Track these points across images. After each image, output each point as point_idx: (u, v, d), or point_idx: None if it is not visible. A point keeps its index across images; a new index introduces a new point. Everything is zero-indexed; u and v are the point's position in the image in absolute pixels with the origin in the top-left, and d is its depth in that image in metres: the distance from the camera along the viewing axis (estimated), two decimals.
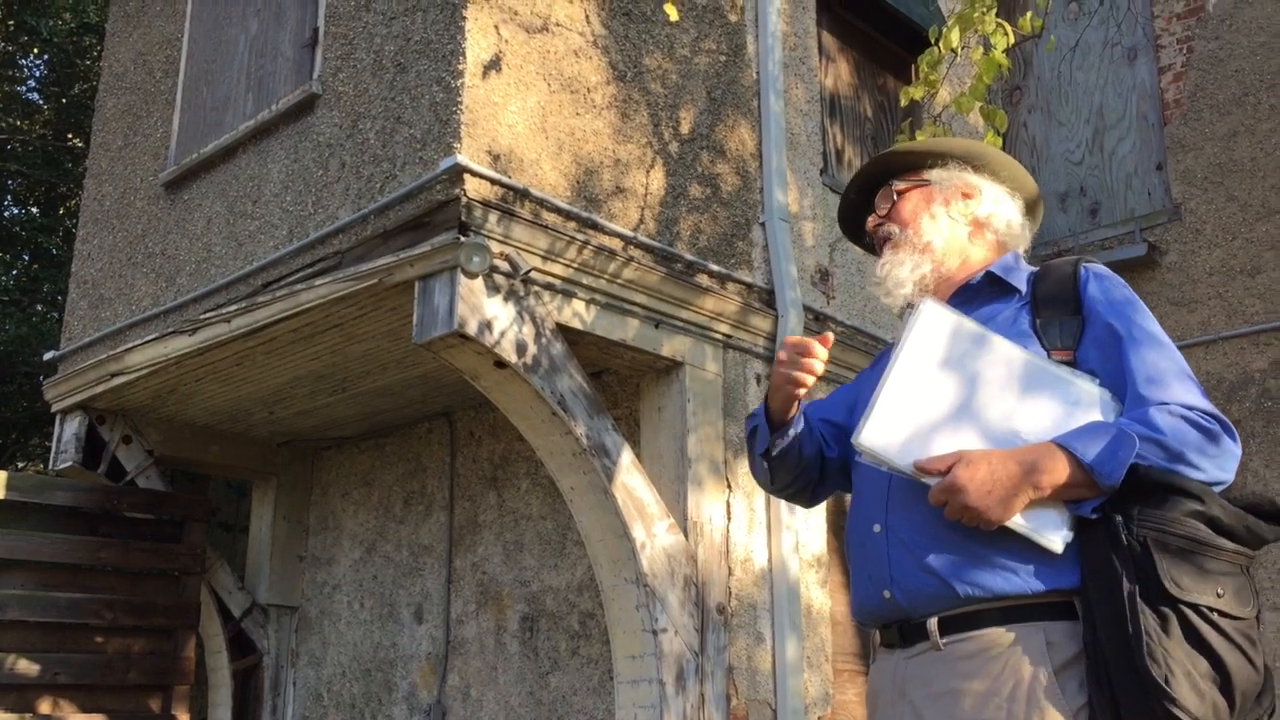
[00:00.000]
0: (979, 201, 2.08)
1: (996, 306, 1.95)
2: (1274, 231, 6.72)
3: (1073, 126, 7.88)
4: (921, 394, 1.76)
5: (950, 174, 2.09)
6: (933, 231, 2.04)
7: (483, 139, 4.79)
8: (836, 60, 7.22)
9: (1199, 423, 1.69)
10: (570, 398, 4.87)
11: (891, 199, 2.10)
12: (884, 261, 2.06)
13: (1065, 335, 1.84)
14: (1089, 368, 1.81)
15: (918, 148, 2.10)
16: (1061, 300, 1.87)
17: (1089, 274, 1.90)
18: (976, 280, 2.00)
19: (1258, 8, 7.07)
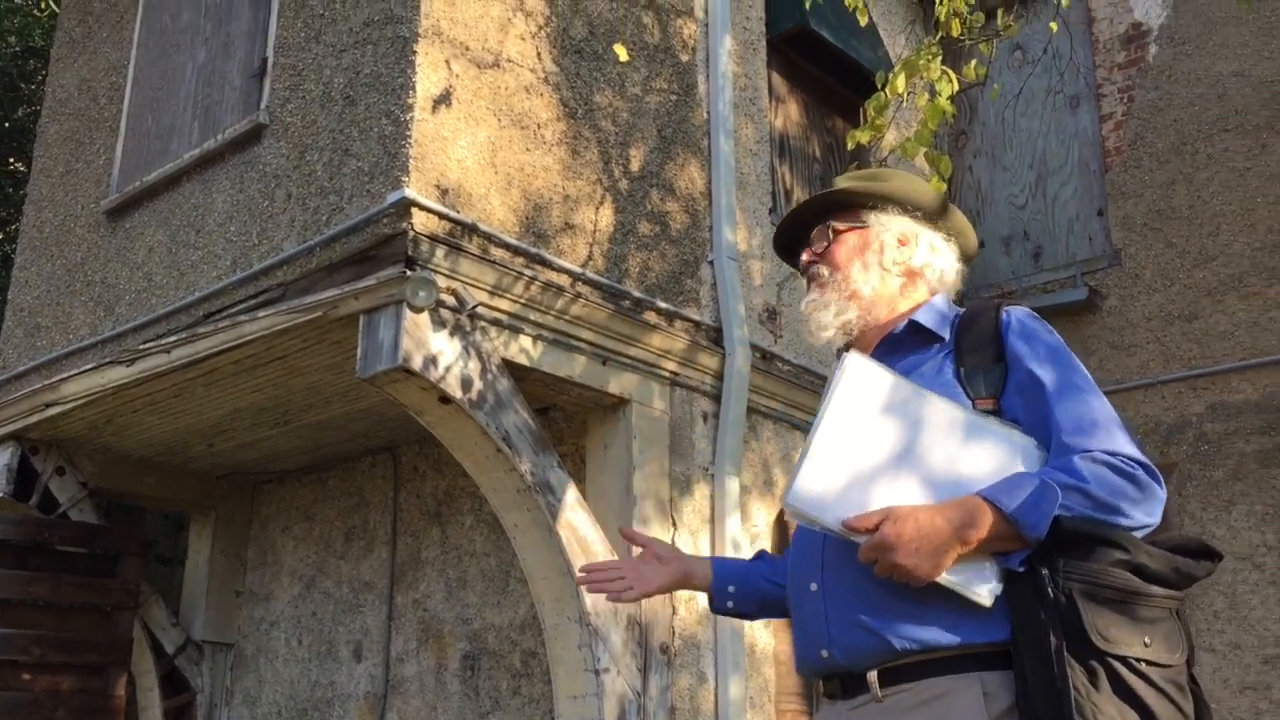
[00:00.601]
0: (914, 250, 2.05)
1: (921, 355, 1.93)
2: (1210, 278, 6.86)
3: (1017, 171, 8.02)
4: (847, 452, 1.76)
5: (889, 219, 2.06)
6: (862, 279, 2.02)
7: (431, 173, 4.76)
8: (786, 101, 7.29)
9: (1123, 469, 1.69)
10: (515, 434, 4.83)
11: (828, 238, 2.08)
12: (810, 300, 2.05)
13: (989, 383, 1.83)
14: (1013, 416, 1.80)
15: (860, 188, 2.08)
16: (984, 347, 1.86)
17: (1010, 319, 1.87)
18: (900, 329, 1.98)
19: (1196, 60, 7.25)
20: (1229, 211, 6.88)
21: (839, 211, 2.09)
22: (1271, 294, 6.61)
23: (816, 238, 2.10)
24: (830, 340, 2.04)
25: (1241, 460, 6.48)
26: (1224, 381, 6.64)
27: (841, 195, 2.09)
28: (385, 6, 5.03)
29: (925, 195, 2.09)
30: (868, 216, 2.07)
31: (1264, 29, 6.99)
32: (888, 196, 2.06)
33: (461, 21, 5.07)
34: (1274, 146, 6.80)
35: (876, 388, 1.80)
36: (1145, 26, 7.51)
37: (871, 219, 2.06)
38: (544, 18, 5.49)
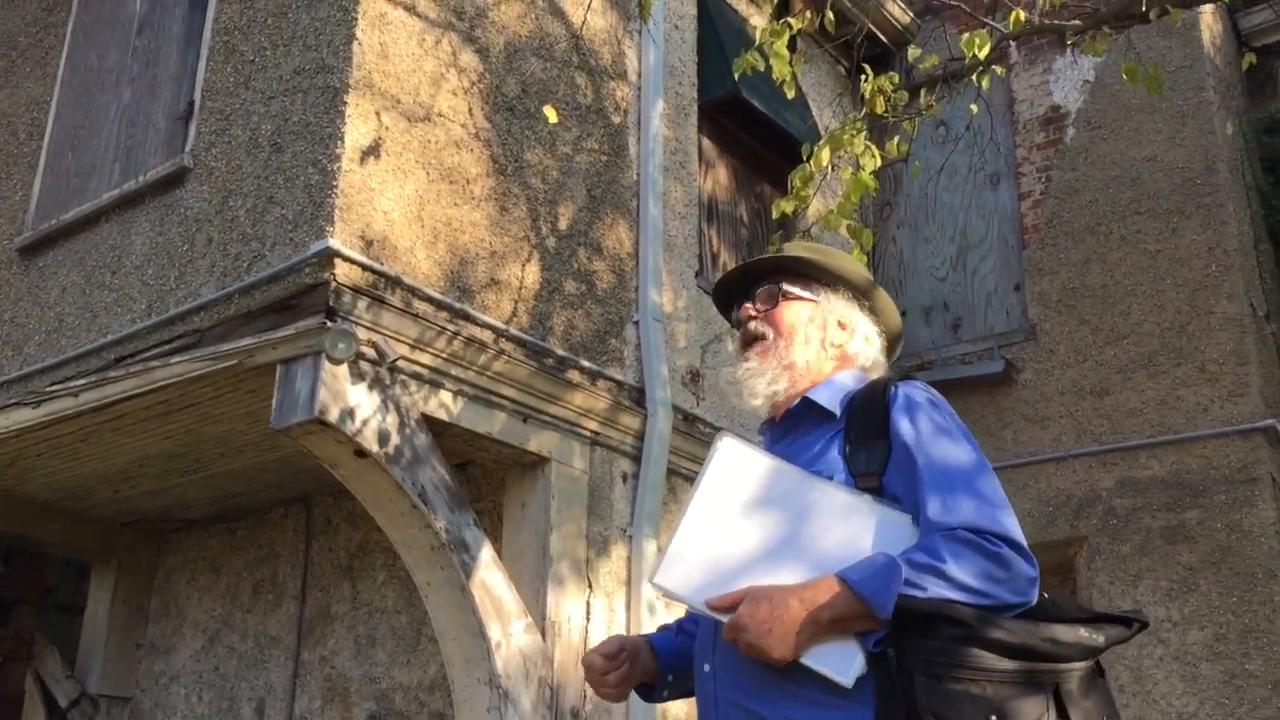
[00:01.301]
0: (852, 338, 2.06)
1: (815, 432, 1.93)
2: (1121, 356, 7.04)
3: (939, 244, 8.18)
4: (716, 532, 1.76)
5: (838, 300, 2.06)
6: (802, 353, 2.01)
7: (356, 224, 4.73)
8: (716, 166, 7.38)
9: (986, 547, 1.69)
10: (432, 490, 4.77)
11: (776, 300, 2.05)
12: (747, 365, 2.02)
13: (871, 460, 1.82)
14: (893, 493, 1.80)
15: (819, 262, 2.07)
16: (871, 423, 1.85)
17: (897, 394, 1.87)
18: (796, 405, 1.98)
19: (1110, 144, 7.49)
20: (1140, 292, 7.09)
21: (792, 276, 2.07)
22: (1179, 373, 6.80)
23: (763, 295, 2.06)
24: (757, 409, 2.03)
25: (1148, 536, 6.61)
26: (1133, 457, 6.79)
27: (798, 263, 2.07)
28: (317, 56, 5.01)
29: (872, 286, 2.11)
30: (818, 291, 2.06)
31: (1175, 117, 7.26)
32: (841, 277, 2.07)
33: (394, 74, 5.06)
34: (1184, 231, 7.03)
35: (749, 468, 1.80)
36: (1064, 110, 7.75)
37: (822, 294, 2.06)
38: (477, 74, 5.51)
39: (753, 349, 2.03)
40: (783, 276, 2.06)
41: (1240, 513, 6.37)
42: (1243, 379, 6.59)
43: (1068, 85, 7.75)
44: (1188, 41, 7.33)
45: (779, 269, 2.08)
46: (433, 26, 5.31)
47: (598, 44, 6.31)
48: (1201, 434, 6.60)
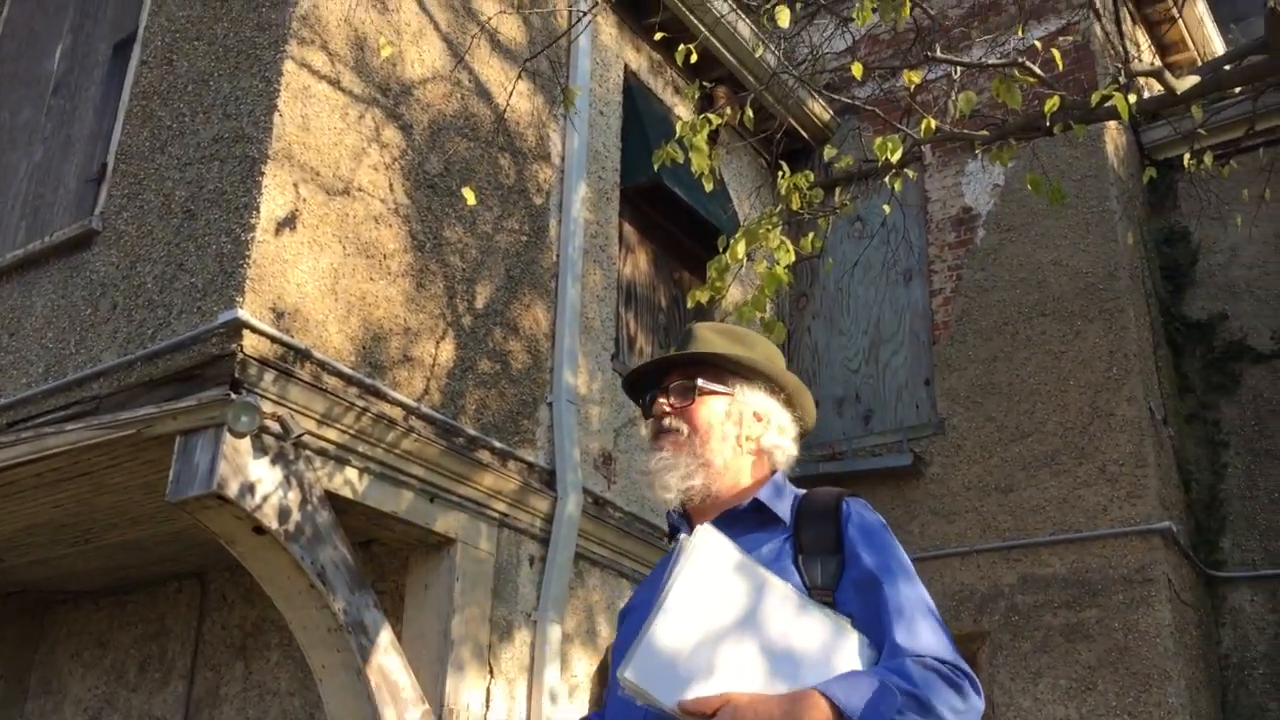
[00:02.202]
0: (767, 430, 2.05)
1: (761, 536, 1.92)
2: (1025, 453, 7.18)
3: (852, 336, 8.32)
4: (688, 629, 1.72)
5: (753, 393, 2.06)
6: (718, 449, 2.00)
7: (268, 295, 4.66)
8: (636, 251, 7.45)
9: (950, 677, 1.72)
10: (331, 570, 4.65)
11: (691, 396, 2.04)
12: (660, 458, 2.00)
13: (826, 574, 1.84)
14: (847, 610, 1.81)
15: (735, 357, 2.05)
16: (823, 537, 1.87)
17: (850, 511, 1.90)
18: (743, 507, 1.97)
19: (1019, 246, 7.72)
20: (1044, 391, 7.25)
21: (706, 370, 2.06)
22: (1080, 472, 6.94)
23: (678, 391, 2.05)
24: (668, 502, 2.01)
25: (1049, 634, 6.69)
26: (1035, 554, 6.89)
27: (714, 358, 2.05)
28: (237, 125, 4.97)
29: (786, 375, 2.10)
30: (733, 384, 2.05)
31: (1080, 224, 7.51)
32: (757, 369, 2.06)
33: (314, 147, 5.04)
34: (1087, 334, 7.23)
35: (724, 565, 1.78)
36: (975, 211, 7.98)
37: (737, 388, 2.05)
38: (399, 150, 5.51)
39: (666, 439, 2.02)
40: (698, 370, 2.05)
41: (1137, 613, 6.48)
42: (1141, 481, 6.75)
43: (979, 188, 7.99)
44: (1093, 152, 7.61)
45: (694, 361, 2.06)
46: (356, 101, 5.31)
47: (522, 126, 6.36)
48: (1101, 533, 6.73)
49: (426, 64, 5.79)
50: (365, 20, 5.45)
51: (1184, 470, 7.41)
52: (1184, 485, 7.35)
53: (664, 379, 2.08)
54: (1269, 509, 7.28)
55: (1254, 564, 7.22)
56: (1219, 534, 7.36)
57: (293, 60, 5.01)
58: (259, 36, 5.12)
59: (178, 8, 5.57)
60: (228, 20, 5.30)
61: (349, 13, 5.33)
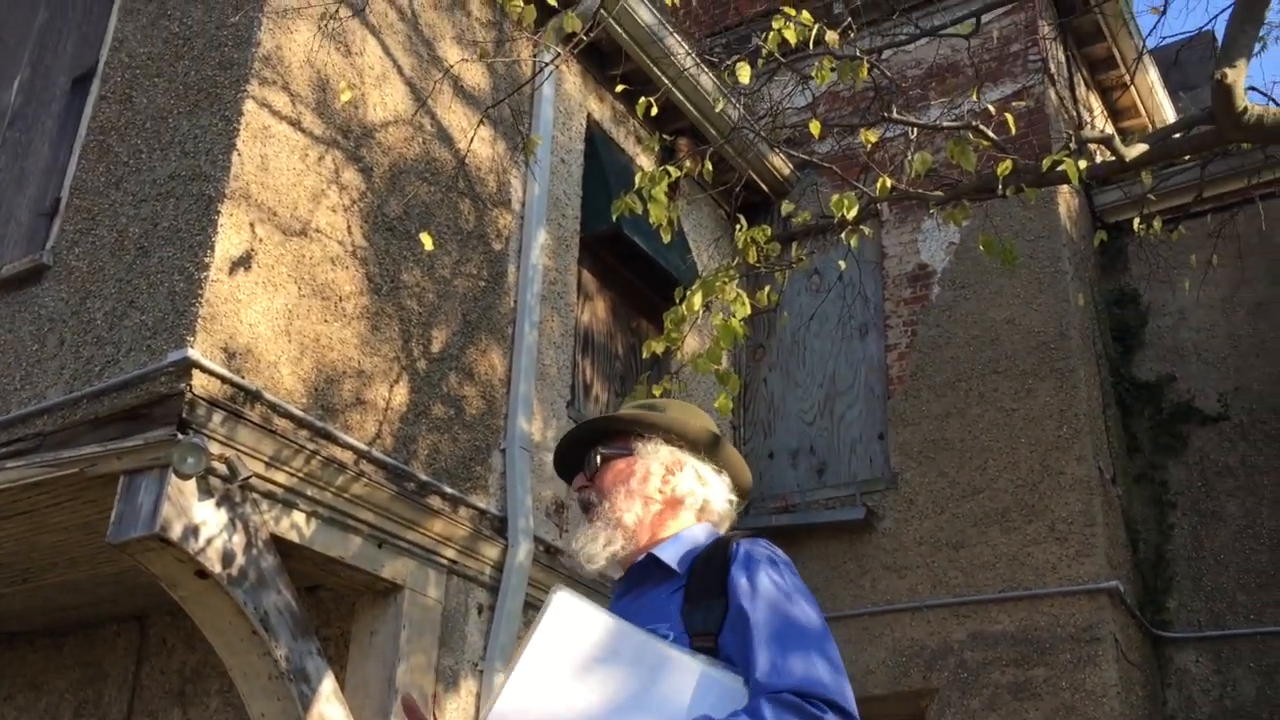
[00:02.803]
0: (679, 479, 2.06)
1: (658, 588, 1.93)
2: (977, 509, 7.21)
3: (808, 389, 8.35)
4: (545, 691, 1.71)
5: (656, 448, 2.08)
6: (626, 507, 2.01)
7: (220, 335, 4.61)
8: (594, 298, 7.46)
9: (810, 711, 1.68)
10: (275, 616, 4.57)
11: (595, 466, 2.08)
12: (582, 533, 2.03)
13: (709, 619, 1.81)
14: (727, 653, 1.78)
15: (628, 416, 2.11)
16: (711, 581, 1.85)
17: (738, 552, 1.86)
18: (641, 560, 1.98)
19: (973, 303, 7.81)
20: (996, 448, 7.31)
21: (610, 438, 2.10)
22: (1030, 531, 6.99)
23: (587, 464, 2.10)
24: (602, 571, 2.01)
25: (997, 691, 6.69)
26: (984, 611, 6.91)
27: (612, 422, 2.11)
28: (194, 163, 4.94)
29: (695, 428, 2.11)
30: (635, 444, 2.08)
31: (1033, 283, 7.61)
32: (654, 425, 2.09)
33: (272, 187, 5.02)
34: (1038, 392, 7.31)
35: (583, 624, 1.76)
36: (930, 268, 8.07)
37: (639, 447, 2.08)
38: (359, 192, 5.50)
39: (586, 516, 2.05)
40: (600, 441, 2.10)
41: (1084, 672, 6.50)
42: (1089, 540, 6.80)
43: (935, 245, 8.09)
44: (1046, 214, 7.74)
45: (598, 433, 2.11)
46: (317, 143, 5.30)
47: (484, 172, 6.37)
48: (1050, 591, 6.76)
49: (389, 107, 5.80)
50: (328, 62, 5.46)
51: (1132, 530, 7.48)
52: (1132, 545, 7.42)
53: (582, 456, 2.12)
54: (1214, 570, 7.35)
55: (1199, 625, 7.28)
56: (1165, 594, 7.42)
57: (254, 100, 5.00)
58: (220, 75, 5.11)
59: (139, 44, 5.55)
60: (189, 58, 5.29)
61: (312, 54, 5.34)
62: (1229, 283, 7.88)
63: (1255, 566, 7.23)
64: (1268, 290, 7.81)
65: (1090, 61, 9.14)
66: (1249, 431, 7.56)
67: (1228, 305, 7.93)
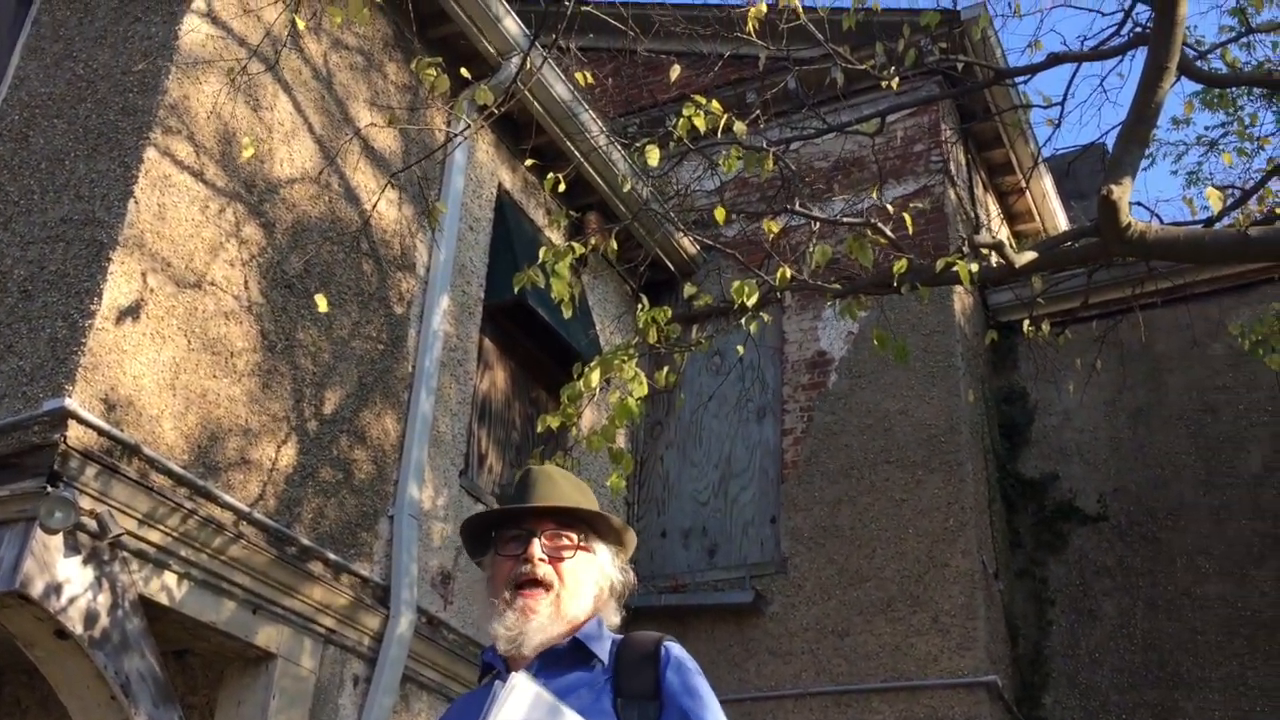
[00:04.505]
0: (615, 586, 2.11)
1: (580, 676, 1.94)
2: (863, 598, 7.27)
3: (703, 469, 8.38)
4: None
5: (603, 549, 2.11)
6: (583, 608, 2.02)
7: (100, 385, 4.46)
8: (495, 367, 7.41)
9: None
10: (137, 681, 4.38)
11: (569, 551, 2.05)
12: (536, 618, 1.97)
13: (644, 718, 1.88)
14: None
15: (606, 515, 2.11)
16: (642, 681, 1.91)
17: (669, 657, 1.94)
18: (564, 646, 1.97)
19: (869, 393, 7.94)
20: (884, 537, 7.40)
21: (576, 524, 2.08)
22: (914, 621, 7.06)
23: (553, 538, 2.05)
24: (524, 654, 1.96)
25: None
26: (865, 701, 6.93)
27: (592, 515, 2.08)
28: (88, 208, 4.82)
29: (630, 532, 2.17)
30: (594, 541, 2.09)
31: (927, 376, 7.78)
32: (614, 529, 2.12)
33: (168, 236, 4.91)
34: (927, 484, 7.43)
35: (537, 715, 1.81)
36: (829, 356, 8.21)
37: (599, 546, 2.10)
38: (259, 247, 5.41)
39: (536, 592, 2.00)
40: (572, 525, 2.07)
41: None
42: (971, 633, 6.89)
43: (834, 334, 8.24)
44: (942, 309, 7.94)
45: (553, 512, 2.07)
46: (218, 195, 5.22)
47: (389, 235, 6.32)
48: (930, 683, 6.82)
49: (296, 164, 5.74)
50: (236, 115, 5.40)
51: (1012, 625, 7.60)
52: (1011, 640, 7.54)
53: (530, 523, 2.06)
54: (1089, 668, 7.50)
55: None
56: (1042, 690, 7.54)
57: (155, 148, 4.91)
58: (123, 121, 5.02)
59: (40, 84, 5.42)
60: (92, 101, 5.18)
61: (220, 106, 5.27)
62: (1112, 387, 8.16)
63: (1128, 666, 7.40)
64: (1147, 396, 8.10)
65: (989, 166, 9.49)
66: (1126, 533, 7.77)
67: (1110, 409, 8.19)
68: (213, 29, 5.35)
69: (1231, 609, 7.24)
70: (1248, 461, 7.58)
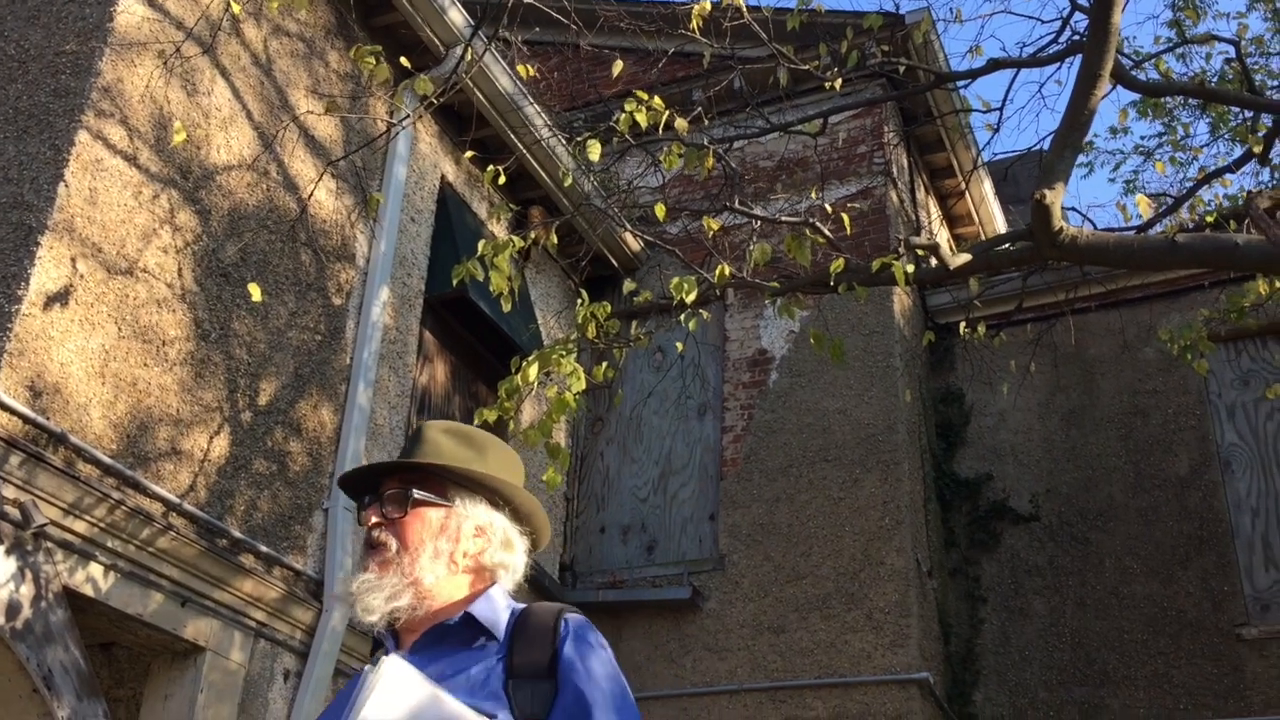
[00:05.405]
0: (488, 546, 1.94)
1: (472, 654, 1.81)
2: (799, 594, 7.32)
3: (644, 465, 8.39)
4: None
5: (474, 506, 1.93)
6: (429, 568, 1.87)
7: (26, 372, 4.37)
8: (434, 360, 7.36)
9: None
10: (60, 674, 4.30)
11: (405, 508, 1.89)
12: (364, 579, 1.85)
13: (536, 700, 1.74)
14: None
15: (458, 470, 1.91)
16: (538, 658, 1.77)
17: (568, 631, 1.80)
18: (454, 621, 1.84)
19: (808, 392, 8.00)
20: (821, 535, 7.45)
21: (426, 478, 1.92)
22: (849, 618, 7.12)
23: (391, 501, 1.91)
24: (373, 624, 1.86)
25: None
26: (799, 697, 6.98)
27: (434, 469, 1.92)
28: (16, 191, 4.71)
29: (515, 487, 1.98)
30: (454, 495, 1.92)
31: (866, 376, 7.85)
32: (482, 483, 1.94)
33: (100, 222, 4.82)
34: (864, 482, 7.50)
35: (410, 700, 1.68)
36: (770, 354, 8.25)
37: (457, 500, 1.92)
38: (194, 235, 5.33)
39: (373, 556, 1.88)
40: (416, 478, 1.92)
41: None
42: (904, 630, 6.97)
43: (775, 332, 8.28)
44: (882, 310, 8.01)
45: (411, 469, 1.93)
46: (152, 180, 5.13)
47: (329, 225, 6.26)
48: (863, 680, 6.88)
49: (233, 151, 5.66)
50: (172, 100, 5.31)
51: (944, 623, 7.70)
52: (944, 637, 7.63)
53: (382, 484, 1.93)
54: (1018, 666, 7.61)
55: (1002, 719, 7.50)
56: (972, 688, 7.64)
57: (87, 131, 4.82)
58: (54, 103, 4.92)
59: None
60: (23, 82, 5.07)
61: (154, 90, 5.18)
62: (1045, 389, 8.29)
63: (1057, 664, 7.52)
64: (1080, 399, 8.24)
65: (931, 169, 9.59)
66: (1057, 533, 7.90)
67: (1044, 410, 8.32)
68: (149, 10, 5.26)
69: (1158, 608, 7.38)
70: (1175, 464, 7.74)
